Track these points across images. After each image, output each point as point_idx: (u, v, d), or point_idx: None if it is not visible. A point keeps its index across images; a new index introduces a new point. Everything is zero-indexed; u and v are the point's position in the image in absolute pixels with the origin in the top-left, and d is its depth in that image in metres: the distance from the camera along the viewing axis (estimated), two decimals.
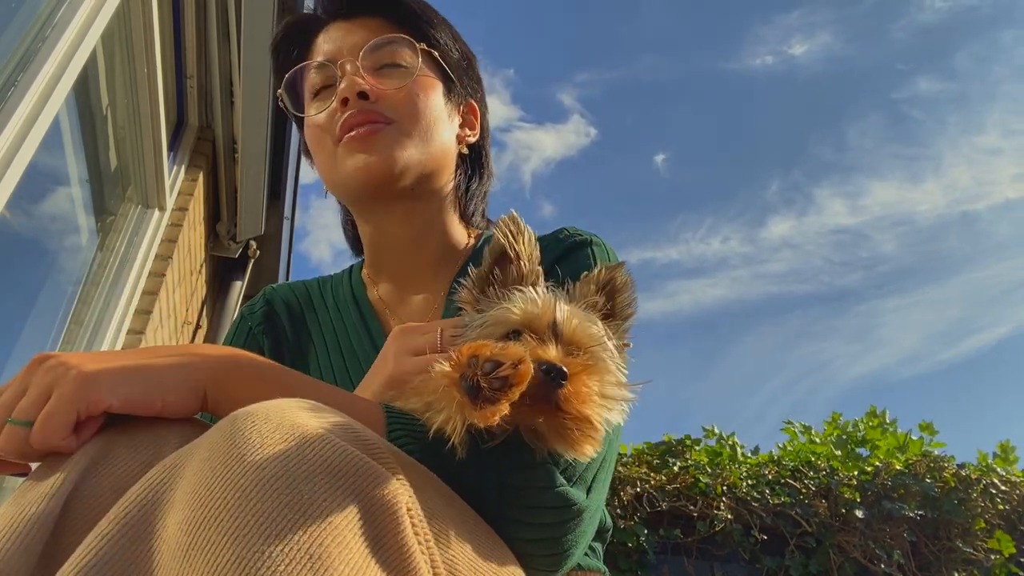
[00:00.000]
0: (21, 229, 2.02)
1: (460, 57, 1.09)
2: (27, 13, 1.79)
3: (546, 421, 0.62)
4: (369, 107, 0.96)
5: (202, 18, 2.90)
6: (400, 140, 0.97)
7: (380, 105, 0.97)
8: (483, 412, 0.56)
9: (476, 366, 0.56)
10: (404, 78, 0.99)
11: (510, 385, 0.56)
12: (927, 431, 3.93)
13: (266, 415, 0.50)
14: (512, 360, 0.56)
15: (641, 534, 3.20)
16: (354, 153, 0.96)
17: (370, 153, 0.95)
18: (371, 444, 0.52)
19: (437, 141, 1.01)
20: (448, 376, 0.58)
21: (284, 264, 4.25)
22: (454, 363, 0.58)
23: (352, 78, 0.97)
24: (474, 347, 0.58)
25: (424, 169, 1.00)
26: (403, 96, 0.98)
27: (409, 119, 0.98)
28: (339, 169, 0.98)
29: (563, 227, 1.01)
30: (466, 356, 0.57)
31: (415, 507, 0.50)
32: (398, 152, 0.96)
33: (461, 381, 0.57)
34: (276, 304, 1.11)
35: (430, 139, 1.00)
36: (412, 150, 0.97)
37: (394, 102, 0.97)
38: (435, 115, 1.01)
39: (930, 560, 3.27)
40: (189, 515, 0.44)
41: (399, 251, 1.05)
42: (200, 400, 0.65)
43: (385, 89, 0.98)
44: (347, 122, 0.96)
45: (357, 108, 0.96)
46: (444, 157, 1.03)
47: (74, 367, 0.59)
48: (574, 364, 0.62)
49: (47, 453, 0.59)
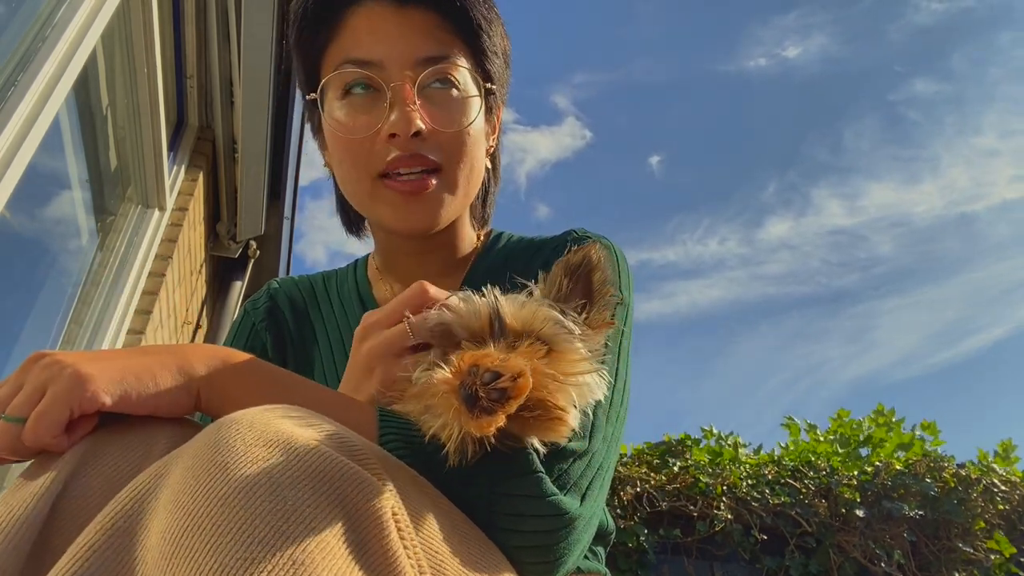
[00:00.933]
0: (21, 229, 2.03)
1: (503, 61, 0.99)
2: (27, 13, 1.80)
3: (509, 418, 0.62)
4: (420, 149, 0.88)
5: (202, 18, 2.90)
6: (446, 196, 0.91)
7: (428, 145, 0.88)
8: (479, 422, 0.56)
9: (476, 375, 0.56)
10: (455, 107, 0.90)
11: (508, 397, 0.56)
12: (929, 431, 3.92)
13: (250, 423, 0.50)
14: (512, 373, 0.56)
15: (641, 534, 3.20)
16: (397, 204, 0.90)
17: (413, 211, 0.90)
18: (357, 450, 0.52)
19: (477, 176, 0.96)
20: (448, 383, 0.58)
21: (284, 264, 4.25)
22: (455, 370, 0.58)
23: (407, 111, 0.86)
24: (476, 356, 0.58)
25: (461, 212, 0.97)
26: (453, 134, 0.90)
27: (457, 165, 0.91)
28: (372, 203, 0.92)
29: (572, 228, 0.99)
30: (467, 364, 0.57)
31: (401, 512, 0.50)
32: (442, 210, 0.91)
33: (460, 389, 0.57)
34: (280, 299, 1.09)
35: (474, 181, 0.95)
36: (456, 202, 0.93)
37: (442, 142, 0.89)
38: (480, 149, 0.95)
39: (930, 560, 3.27)
40: (172, 523, 0.44)
41: (412, 256, 1.04)
42: (194, 399, 0.65)
43: (441, 128, 0.89)
44: (394, 163, 0.88)
45: (408, 151, 0.87)
46: (477, 189, 0.99)
47: (69, 366, 0.59)
48: (516, 357, 0.61)
49: (39, 451, 0.59)
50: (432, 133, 0.88)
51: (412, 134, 0.86)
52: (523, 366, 0.57)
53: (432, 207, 0.90)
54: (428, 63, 0.88)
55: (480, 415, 0.56)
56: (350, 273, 1.12)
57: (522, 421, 0.62)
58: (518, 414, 0.60)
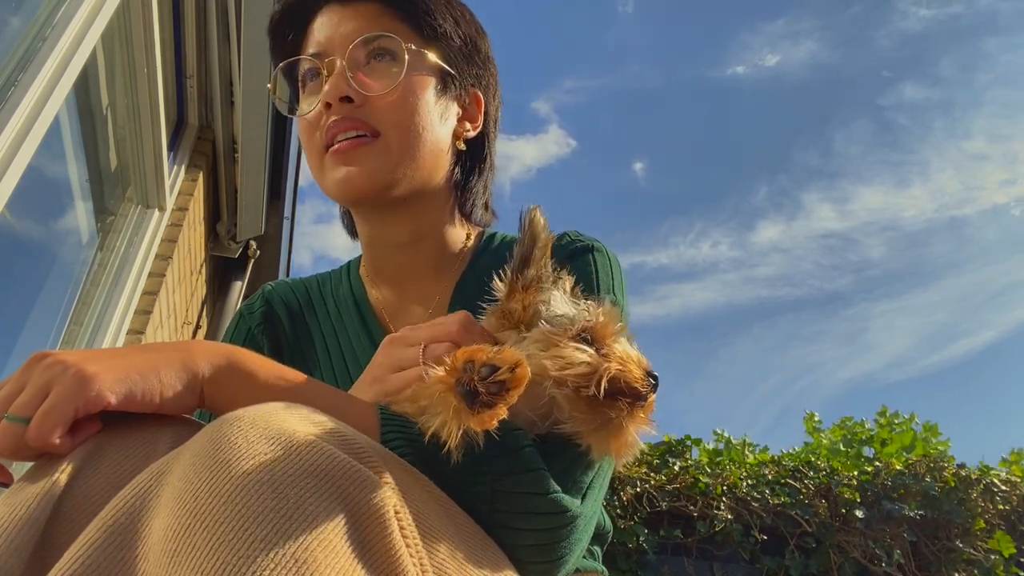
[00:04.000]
0: (21, 229, 2.03)
1: (462, 44, 1.01)
2: (27, 13, 1.80)
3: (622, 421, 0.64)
4: (353, 113, 0.91)
5: (202, 18, 2.90)
6: (384, 155, 0.92)
7: (365, 111, 0.92)
8: (480, 417, 0.56)
9: (472, 371, 0.56)
10: (394, 75, 0.93)
11: (507, 389, 0.56)
12: (931, 433, 3.92)
13: (252, 420, 0.50)
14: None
15: (641, 534, 3.20)
16: (337, 165, 0.93)
17: (351, 167, 0.92)
18: (358, 447, 0.52)
19: (427, 148, 0.96)
20: (444, 381, 0.58)
21: (284, 264, 4.25)
22: (449, 368, 0.58)
23: (336, 79, 0.92)
24: (469, 352, 0.58)
25: (412, 180, 0.96)
26: (390, 101, 0.92)
27: (395, 129, 0.93)
28: (325, 177, 0.95)
29: (565, 232, 0.99)
30: (461, 361, 0.57)
31: (403, 510, 0.50)
32: (380, 168, 0.92)
33: (457, 386, 0.57)
34: (275, 303, 1.09)
35: (418, 148, 0.95)
36: (397, 164, 0.93)
37: (380, 108, 0.92)
38: (425, 119, 0.95)
39: (930, 560, 3.27)
40: (174, 521, 0.44)
41: (396, 253, 1.03)
42: (198, 397, 0.65)
43: (371, 92, 0.92)
44: (330, 130, 0.92)
45: (340, 115, 0.91)
46: (435, 161, 0.98)
47: (73, 365, 0.59)
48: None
49: (41, 452, 0.59)
50: (367, 100, 0.92)
51: (340, 99, 0.91)
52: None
53: (366, 167, 0.92)
54: (366, 43, 0.94)
55: (481, 410, 0.56)
56: (344, 277, 1.12)
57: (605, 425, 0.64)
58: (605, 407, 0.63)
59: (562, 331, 0.67)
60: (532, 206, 0.75)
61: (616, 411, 0.63)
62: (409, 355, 0.75)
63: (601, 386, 0.62)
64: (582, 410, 0.64)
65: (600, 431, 0.65)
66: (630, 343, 0.70)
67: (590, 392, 0.62)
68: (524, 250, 0.74)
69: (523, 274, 0.73)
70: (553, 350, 0.65)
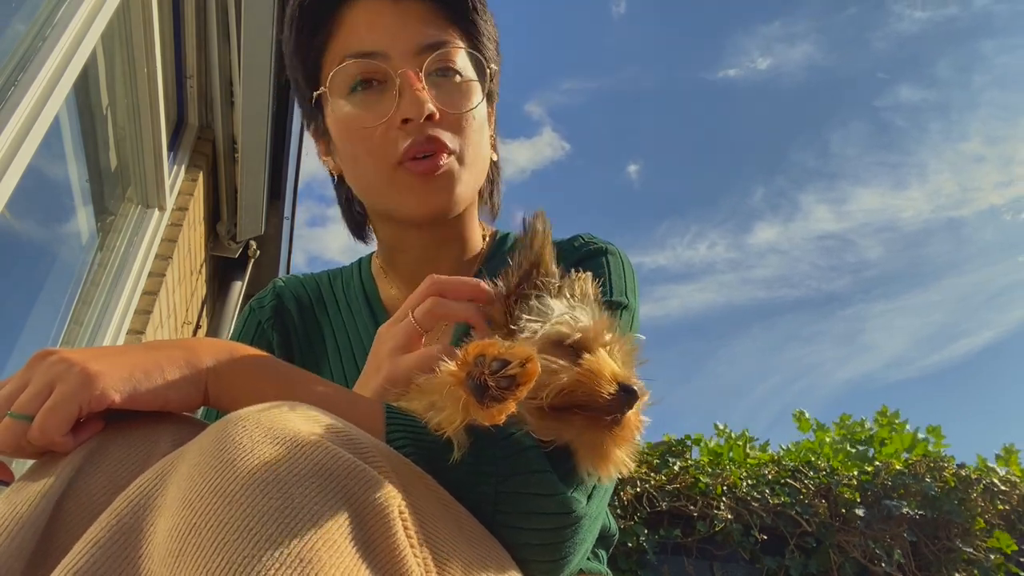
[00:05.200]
0: (21, 229, 2.02)
1: (495, 48, 1.00)
2: (27, 13, 1.79)
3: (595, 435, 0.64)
4: (435, 132, 0.88)
5: (202, 18, 2.90)
6: (461, 176, 0.91)
7: (440, 128, 0.89)
8: (490, 411, 0.56)
9: (483, 365, 0.56)
10: (460, 92, 0.91)
11: (518, 384, 0.56)
12: (933, 434, 3.92)
13: (256, 419, 0.50)
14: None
15: (641, 534, 3.20)
16: (415, 187, 0.89)
17: (432, 192, 0.90)
18: (363, 447, 0.52)
19: (484, 160, 0.96)
20: (454, 375, 0.58)
21: (284, 264, 4.25)
22: (460, 362, 0.58)
23: (417, 94, 0.86)
24: (481, 346, 0.58)
25: (473, 196, 0.97)
26: (462, 119, 0.91)
27: (467, 146, 0.91)
28: (392, 191, 0.91)
29: (578, 234, 0.99)
30: (473, 355, 0.57)
31: (407, 510, 0.50)
32: (459, 189, 0.91)
33: (467, 380, 0.57)
34: (286, 298, 1.08)
35: (480, 163, 0.95)
36: (470, 183, 0.93)
37: (452, 124, 0.90)
38: (482, 132, 0.95)
39: (930, 560, 3.27)
40: (178, 521, 0.44)
41: (417, 256, 1.01)
42: (202, 395, 0.65)
43: (455, 111, 0.90)
44: (411, 149, 0.88)
45: (423, 135, 0.87)
46: (485, 173, 0.99)
47: (77, 364, 0.59)
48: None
49: (44, 450, 0.59)
50: (442, 117, 0.89)
51: (425, 117, 0.87)
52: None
53: (448, 185, 0.90)
54: (429, 49, 0.90)
55: (490, 404, 0.56)
56: (355, 273, 1.11)
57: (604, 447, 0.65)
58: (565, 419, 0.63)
59: (534, 340, 0.67)
60: (536, 211, 0.75)
61: (573, 424, 0.63)
62: (403, 329, 0.75)
63: (551, 398, 0.62)
64: (541, 421, 0.65)
65: (584, 446, 0.65)
66: (632, 352, 0.70)
67: (541, 403, 0.62)
68: (518, 258, 0.74)
69: (507, 281, 0.74)
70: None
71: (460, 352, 0.58)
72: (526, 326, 0.69)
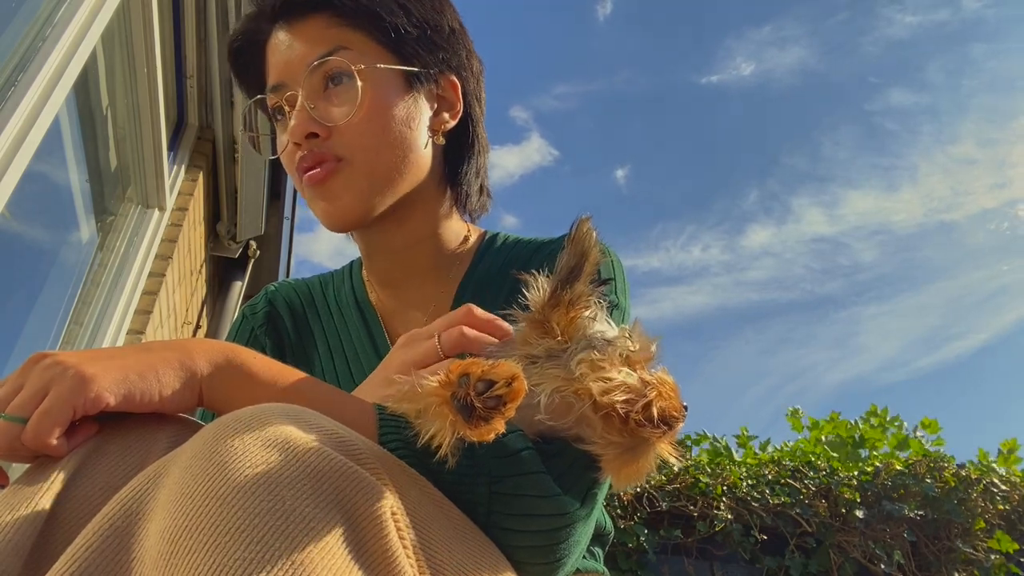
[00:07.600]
0: (21, 229, 2.03)
1: (420, 32, 0.94)
2: (27, 13, 1.79)
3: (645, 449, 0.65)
4: (320, 147, 0.89)
5: (202, 18, 2.90)
6: (356, 184, 0.90)
7: (332, 142, 0.89)
8: (478, 430, 0.56)
9: (468, 385, 0.56)
10: (352, 98, 0.88)
11: (504, 403, 0.55)
12: (929, 429, 3.91)
13: (248, 422, 0.50)
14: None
15: (641, 534, 3.20)
16: (314, 199, 0.92)
17: (327, 201, 0.91)
18: (356, 449, 0.52)
19: (403, 159, 0.93)
20: (439, 395, 0.57)
21: (284, 264, 4.25)
22: (444, 381, 0.57)
23: (299, 115, 0.89)
24: (465, 365, 0.57)
25: (394, 194, 0.93)
26: (355, 126, 0.89)
27: (363, 153, 0.89)
28: (310, 207, 0.95)
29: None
30: (456, 374, 0.57)
31: (400, 512, 0.50)
32: (355, 199, 0.90)
33: (453, 400, 0.56)
34: (278, 304, 1.08)
35: (393, 164, 0.92)
36: (372, 189, 0.91)
37: (347, 135, 0.89)
38: (395, 132, 0.91)
39: (930, 560, 3.27)
40: (170, 524, 0.44)
41: (392, 258, 1.01)
42: (197, 396, 0.65)
43: (333, 122, 0.89)
44: (300, 164, 0.90)
45: (308, 150, 0.90)
46: (416, 167, 0.95)
47: (72, 366, 0.59)
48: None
49: (38, 453, 0.59)
50: (334, 131, 0.89)
51: (305, 136, 0.89)
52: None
53: (339, 193, 0.91)
54: (319, 67, 0.90)
55: (478, 424, 0.55)
56: (346, 277, 1.11)
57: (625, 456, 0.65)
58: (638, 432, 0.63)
59: (610, 354, 0.67)
60: (583, 216, 0.72)
61: (646, 437, 0.64)
62: (425, 347, 0.75)
63: (647, 412, 0.61)
64: (613, 433, 0.65)
65: (622, 455, 0.66)
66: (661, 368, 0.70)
67: (634, 417, 0.61)
68: (575, 263, 0.71)
69: (571, 288, 0.70)
70: (599, 372, 0.65)
71: (443, 371, 0.58)
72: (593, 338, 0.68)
